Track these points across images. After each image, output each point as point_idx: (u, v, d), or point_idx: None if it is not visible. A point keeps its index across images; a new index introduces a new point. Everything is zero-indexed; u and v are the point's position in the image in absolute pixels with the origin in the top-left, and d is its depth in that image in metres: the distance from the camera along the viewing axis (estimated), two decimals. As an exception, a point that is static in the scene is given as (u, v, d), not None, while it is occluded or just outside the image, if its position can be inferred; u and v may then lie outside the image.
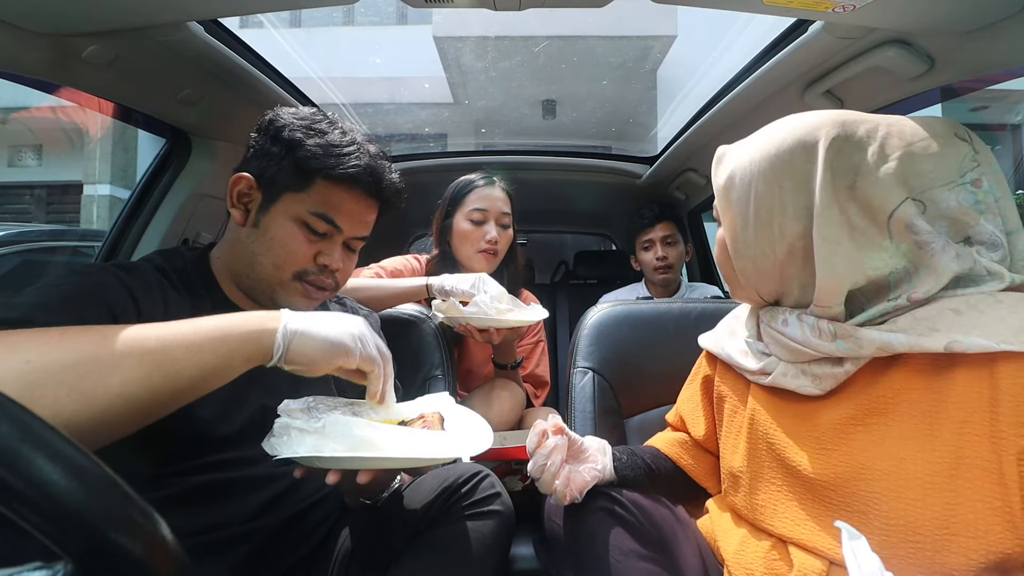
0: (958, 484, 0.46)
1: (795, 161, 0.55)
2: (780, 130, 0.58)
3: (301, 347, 0.54)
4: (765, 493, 0.61)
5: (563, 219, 2.52)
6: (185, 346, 0.48)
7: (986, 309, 0.48)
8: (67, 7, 0.74)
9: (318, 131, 0.70)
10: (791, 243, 0.56)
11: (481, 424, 0.67)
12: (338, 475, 0.55)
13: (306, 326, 0.54)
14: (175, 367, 0.47)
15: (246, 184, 0.69)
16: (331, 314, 0.59)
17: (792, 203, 0.55)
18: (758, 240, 0.59)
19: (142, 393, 0.45)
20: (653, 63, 4.76)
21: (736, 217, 0.61)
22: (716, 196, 0.64)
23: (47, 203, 7.02)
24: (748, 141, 0.62)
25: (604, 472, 0.69)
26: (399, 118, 5.47)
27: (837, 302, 0.54)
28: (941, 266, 0.50)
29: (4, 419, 0.25)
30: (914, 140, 0.52)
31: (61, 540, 0.23)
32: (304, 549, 0.69)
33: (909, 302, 0.52)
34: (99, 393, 0.44)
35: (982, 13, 0.68)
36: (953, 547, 0.46)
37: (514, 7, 0.78)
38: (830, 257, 0.53)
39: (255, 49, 1.11)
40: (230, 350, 0.50)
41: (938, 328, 0.49)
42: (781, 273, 0.59)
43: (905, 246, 0.52)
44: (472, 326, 1.07)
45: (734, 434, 0.68)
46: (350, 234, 0.73)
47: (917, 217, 0.51)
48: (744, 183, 0.59)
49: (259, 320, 0.53)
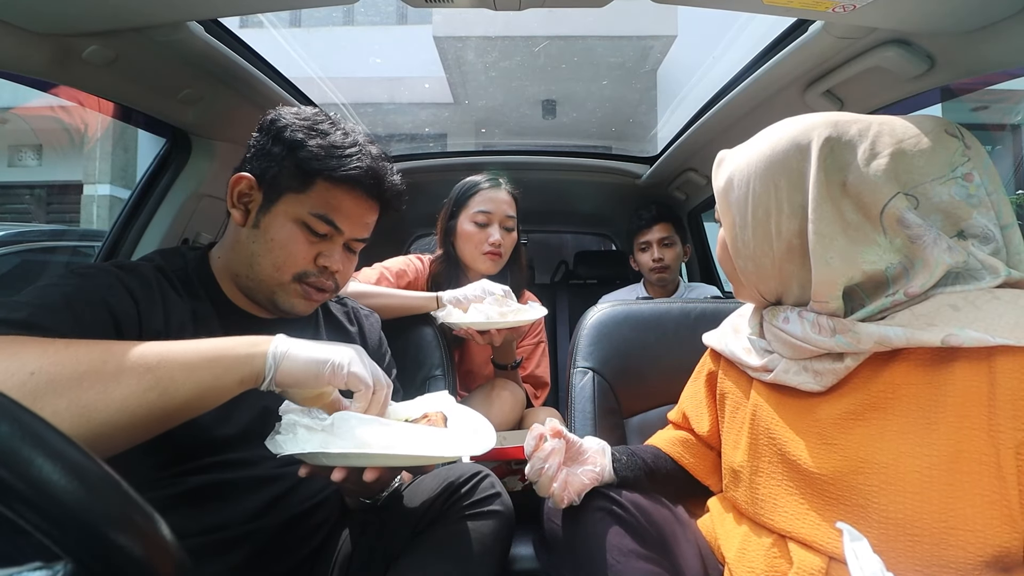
0: (956, 478, 0.47)
1: (790, 161, 0.57)
2: (775, 132, 0.60)
3: (288, 369, 0.54)
4: (765, 488, 0.62)
5: (563, 219, 2.52)
6: (183, 365, 0.49)
7: (983, 305, 0.49)
8: (67, 7, 0.74)
9: (320, 132, 0.69)
10: (788, 241, 0.58)
11: (484, 423, 0.67)
12: (343, 472, 0.55)
13: (292, 348, 0.55)
14: (173, 385, 0.48)
15: (247, 184, 0.69)
16: (325, 343, 0.59)
17: (788, 201, 0.57)
18: (756, 239, 0.60)
19: (139, 409, 0.46)
20: (653, 63, 4.76)
21: (735, 217, 0.62)
22: (716, 198, 0.66)
23: (47, 203, 7.02)
24: (746, 145, 0.63)
25: (603, 474, 0.69)
26: (399, 118, 5.47)
27: (834, 296, 0.55)
28: (934, 259, 0.51)
29: (4, 419, 0.25)
30: (904, 137, 0.53)
31: (61, 540, 0.23)
32: (304, 550, 0.69)
33: (906, 297, 0.53)
34: (99, 407, 0.44)
35: (982, 13, 0.68)
36: (952, 541, 0.47)
37: (514, 7, 0.78)
38: (825, 252, 0.54)
39: (255, 49, 1.11)
40: (224, 370, 0.52)
41: (936, 323, 0.50)
42: (780, 271, 0.60)
43: (899, 241, 0.53)
44: (473, 329, 1.07)
45: (736, 430, 0.69)
46: (351, 236, 0.73)
47: (908, 211, 0.52)
48: (742, 184, 0.61)
49: (251, 343, 0.55)
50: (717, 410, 0.76)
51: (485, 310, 1.08)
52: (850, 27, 0.80)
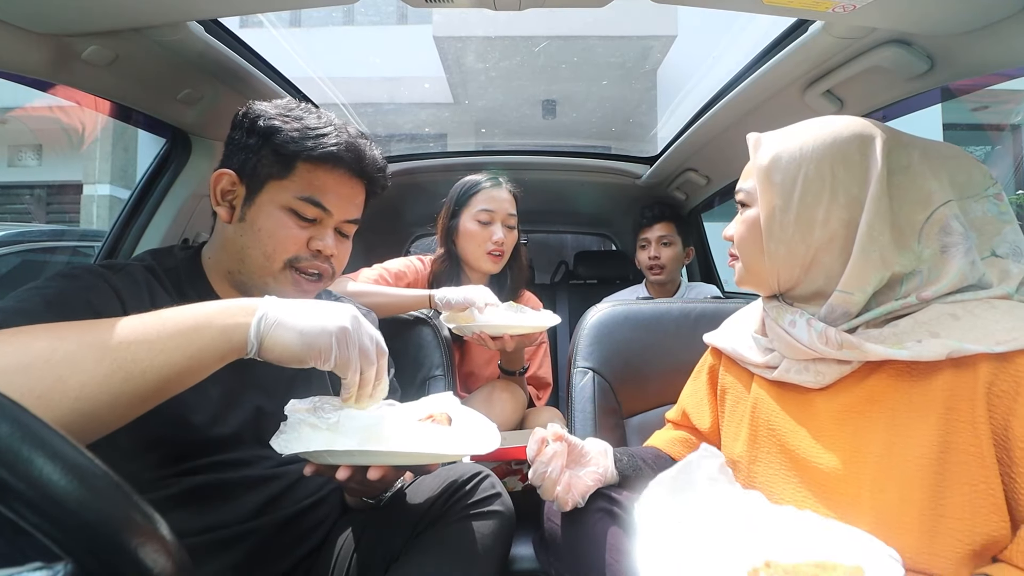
0: (946, 468, 0.49)
1: (851, 151, 0.57)
2: (834, 122, 0.60)
3: (274, 342, 0.50)
4: (763, 476, 0.64)
5: (563, 219, 2.52)
6: (149, 343, 0.44)
7: (982, 314, 0.52)
8: (67, 7, 0.74)
9: (294, 116, 0.69)
10: (834, 230, 0.58)
11: (487, 423, 0.67)
12: (348, 471, 0.55)
13: (282, 316, 0.50)
14: (138, 367, 0.44)
15: (228, 180, 0.69)
16: (315, 303, 0.54)
17: (844, 190, 0.57)
18: (798, 224, 0.59)
19: (103, 396, 0.42)
20: (653, 63, 4.76)
21: (776, 199, 0.61)
22: (757, 177, 0.63)
23: (47, 203, 7.01)
24: (792, 129, 0.63)
25: (606, 475, 0.70)
26: (399, 118, 5.47)
27: (860, 289, 0.56)
28: (955, 270, 0.54)
29: (4, 419, 0.25)
30: (950, 154, 0.58)
31: (61, 540, 0.23)
32: (303, 549, 0.69)
33: (918, 301, 0.55)
34: (55, 398, 0.40)
35: (982, 13, 0.68)
36: (942, 529, 0.48)
37: (514, 7, 0.78)
38: (870, 246, 0.55)
39: (255, 49, 1.11)
40: (199, 349, 0.47)
41: (938, 333, 0.52)
42: (813, 259, 0.60)
43: (929, 251, 0.55)
44: (485, 334, 1.07)
45: (736, 423, 0.71)
46: (340, 217, 0.72)
47: (955, 218, 0.55)
48: (792, 165, 0.60)
49: (231, 313, 0.49)
50: (718, 405, 0.77)
51: (499, 315, 1.08)
52: (850, 27, 0.80)
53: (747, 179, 0.66)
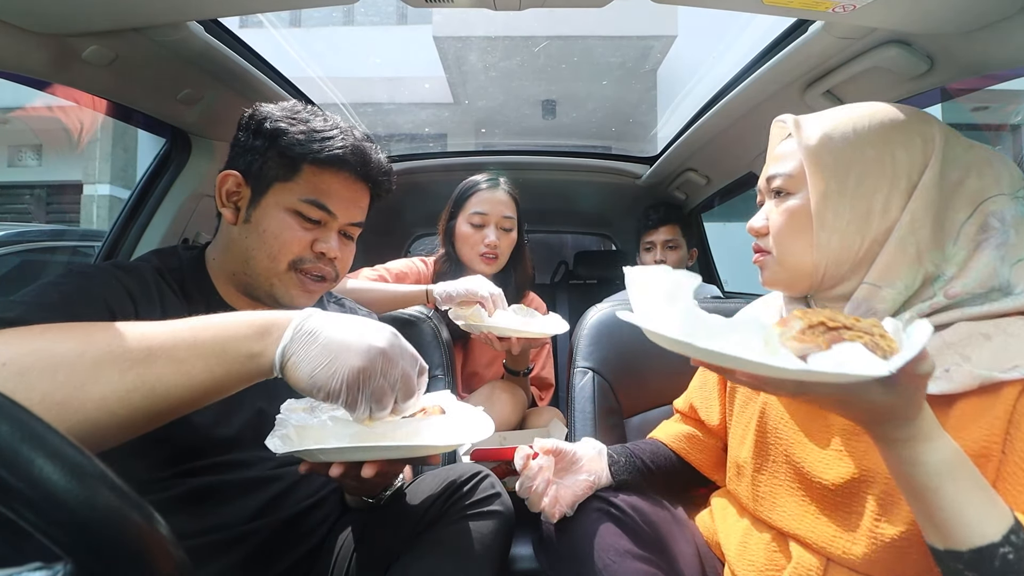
0: None
1: (912, 134, 0.54)
2: (884, 105, 0.57)
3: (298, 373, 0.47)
4: (767, 486, 0.62)
5: (563, 219, 2.52)
6: (175, 361, 0.43)
7: (1016, 332, 0.48)
8: (67, 7, 0.74)
9: (300, 119, 0.70)
10: (894, 219, 0.53)
11: (481, 415, 0.66)
12: (342, 468, 0.55)
13: (310, 352, 0.47)
14: (162, 385, 0.42)
15: (234, 182, 0.69)
16: (348, 325, 0.50)
17: (906, 175, 0.53)
18: (855, 211, 0.54)
19: (121, 410, 0.41)
20: (653, 63, 4.77)
21: (828, 182, 0.55)
22: (805, 157, 0.57)
23: (47, 203, 7.01)
24: (836, 111, 0.59)
25: (598, 481, 0.70)
26: (399, 118, 5.47)
27: (889, 283, 0.53)
28: (983, 262, 0.51)
29: (4, 419, 0.25)
30: (991, 154, 0.55)
31: (61, 540, 0.23)
32: (303, 549, 0.69)
33: (946, 298, 0.52)
34: (74, 405, 0.40)
35: (982, 13, 0.68)
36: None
37: (514, 7, 0.78)
38: (908, 237, 0.52)
39: (255, 49, 1.11)
40: (226, 372, 0.45)
41: (970, 356, 0.49)
42: (868, 252, 0.55)
43: (963, 254, 0.52)
44: (493, 335, 1.07)
45: (743, 425, 0.69)
46: (345, 220, 0.73)
47: (995, 216, 0.52)
48: (846, 145, 0.55)
49: (259, 330, 0.47)
50: (727, 402, 0.75)
51: (509, 317, 1.07)
52: (850, 27, 0.80)
53: (782, 162, 0.59)
